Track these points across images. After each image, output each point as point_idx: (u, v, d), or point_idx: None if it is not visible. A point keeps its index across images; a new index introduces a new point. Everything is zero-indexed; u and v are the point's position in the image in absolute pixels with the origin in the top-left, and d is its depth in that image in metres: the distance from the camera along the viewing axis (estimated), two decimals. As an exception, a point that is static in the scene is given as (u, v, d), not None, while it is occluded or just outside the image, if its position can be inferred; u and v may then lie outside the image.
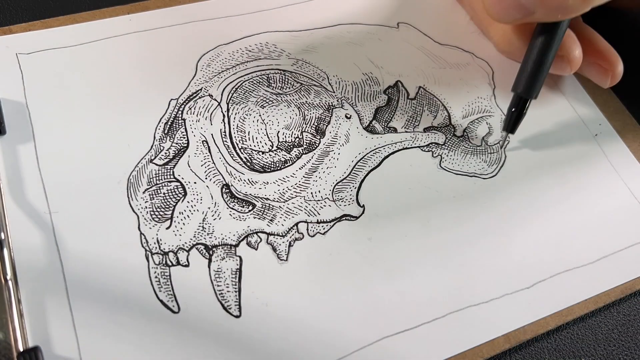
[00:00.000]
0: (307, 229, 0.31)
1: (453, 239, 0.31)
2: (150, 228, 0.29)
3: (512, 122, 0.34)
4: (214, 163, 0.32)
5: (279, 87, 0.35)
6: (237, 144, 0.33)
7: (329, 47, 0.38)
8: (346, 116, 0.35)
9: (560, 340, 0.30)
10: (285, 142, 0.33)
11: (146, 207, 0.30)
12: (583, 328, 0.30)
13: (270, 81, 0.35)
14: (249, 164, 0.32)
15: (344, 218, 0.31)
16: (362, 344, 0.28)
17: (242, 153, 0.32)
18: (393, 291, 0.29)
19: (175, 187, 0.31)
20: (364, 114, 0.35)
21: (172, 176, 0.31)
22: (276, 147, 0.33)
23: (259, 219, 0.31)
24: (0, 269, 0.27)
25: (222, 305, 0.28)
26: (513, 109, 0.34)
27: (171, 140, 0.32)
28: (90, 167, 0.31)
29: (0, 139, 0.31)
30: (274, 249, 0.30)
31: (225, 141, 0.33)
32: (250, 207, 0.31)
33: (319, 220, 0.31)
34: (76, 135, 0.32)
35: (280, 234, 0.30)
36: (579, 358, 0.30)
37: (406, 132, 0.35)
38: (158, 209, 0.30)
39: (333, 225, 0.31)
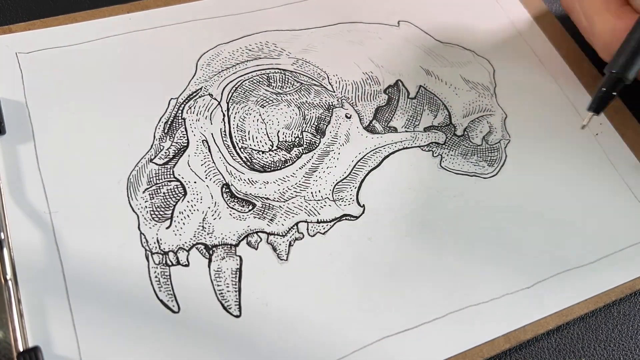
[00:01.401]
0: (307, 229, 0.31)
1: (453, 238, 0.31)
2: (150, 228, 0.29)
3: (600, 102, 0.32)
4: (214, 162, 0.32)
5: (279, 87, 0.35)
6: (237, 144, 0.33)
7: (329, 46, 0.38)
8: (346, 116, 0.35)
9: (560, 340, 0.30)
10: (286, 141, 0.33)
11: (146, 206, 0.30)
12: (583, 328, 0.30)
13: (271, 80, 0.35)
14: (249, 163, 0.32)
15: (344, 218, 0.31)
16: (362, 344, 0.28)
17: (242, 152, 0.32)
18: (393, 291, 0.29)
19: (175, 186, 0.31)
20: (364, 113, 0.35)
21: (172, 176, 0.31)
22: (276, 146, 0.33)
23: (259, 218, 0.31)
24: (0, 269, 0.27)
25: (222, 305, 0.28)
26: (604, 88, 0.32)
27: (171, 140, 0.32)
28: (90, 166, 0.31)
29: (0, 138, 0.31)
30: (274, 249, 0.30)
31: (225, 140, 0.33)
32: (250, 207, 0.31)
33: (319, 220, 0.31)
34: (76, 135, 0.32)
35: (281, 234, 0.30)
36: (579, 358, 0.30)
37: (406, 131, 0.35)
38: (158, 209, 0.30)
39: (333, 225, 0.31)
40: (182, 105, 0.34)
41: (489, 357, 0.29)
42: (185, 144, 0.32)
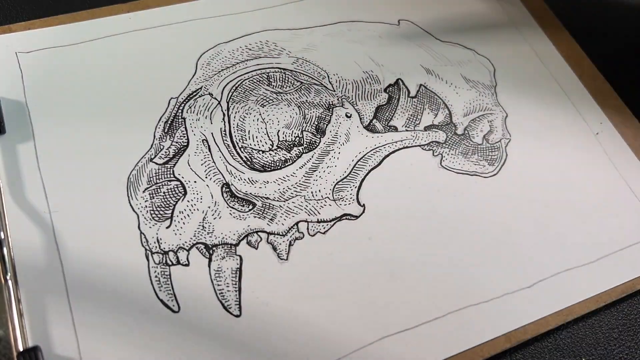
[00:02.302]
0: (308, 228, 0.31)
1: (453, 238, 0.31)
2: (150, 227, 0.29)
3: None
4: (214, 162, 0.32)
5: (279, 86, 0.35)
6: (237, 143, 0.33)
7: (329, 45, 0.37)
8: (346, 115, 0.35)
9: (561, 339, 0.30)
10: (286, 141, 0.33)
11: (146, 206, 0.30)
12: (583, 327, 0.30)
13: (271, 80, 0.35)
14: (249, 163, 0.32)
15: (344, 217, 0.31)
16: (362, 344, 0.28)
17: (242, 152, 0.32)
18: (393, 291, 0.29)
19: (175, 186, 0.31)
20: (364, 112, 0.35)
21: (172, 175, 0.31)
22: (276, 146, 0.33)
23: (259, 218, 0.30)
24: (0, 269, 0.27)
25: (222, 304, 0.28)
26: None
27: (171, 139, 0.32)
28: (90, 166, 0.31)
29: (0, 138, 0.31)
30: (274, 248, 0.30)
31: (226, 140, 0.33)
32: (251, 206, 0.31)
33: (320, 220, 0.31)
34: (76, 135, 0.32)
35: (281, 233, 0.30)
36: (579, 357, 0.30)
37: (407, 130, 0.35)
38: (158, 208, 0.30)
39: (333, 225, 0.31)
40: (182, 105, 0.33)
41: (489, 357, 0.28)
42: (186, 144, 0.32)
